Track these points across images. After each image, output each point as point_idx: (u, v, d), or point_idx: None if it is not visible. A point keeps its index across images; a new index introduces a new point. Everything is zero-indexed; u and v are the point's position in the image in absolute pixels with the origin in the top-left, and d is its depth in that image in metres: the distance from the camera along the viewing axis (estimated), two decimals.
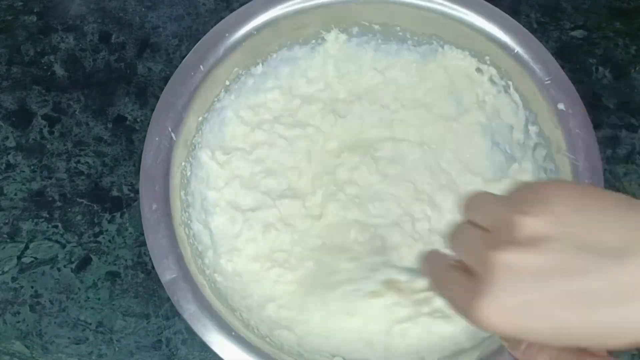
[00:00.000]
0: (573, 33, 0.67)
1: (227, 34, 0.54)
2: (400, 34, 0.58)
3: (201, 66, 0.53)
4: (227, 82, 0.57)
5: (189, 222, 0.52)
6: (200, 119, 0.55)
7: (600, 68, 0.65)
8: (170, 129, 0.52)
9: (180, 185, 0.52)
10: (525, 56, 0.54)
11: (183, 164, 0.53)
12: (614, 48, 0.67)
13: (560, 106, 0.52)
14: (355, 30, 0.58)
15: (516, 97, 0.56)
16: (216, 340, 0.46)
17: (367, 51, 0.60)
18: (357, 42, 0.59)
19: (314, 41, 0.59)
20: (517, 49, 0.54)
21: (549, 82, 0.53)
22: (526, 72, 0.54)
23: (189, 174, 0.54)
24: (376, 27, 0.58)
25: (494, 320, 0.30)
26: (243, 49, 0.55)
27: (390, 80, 0.60)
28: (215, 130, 0.57)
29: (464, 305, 0.32)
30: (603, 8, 0.69)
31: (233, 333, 0.46)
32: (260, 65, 0.58)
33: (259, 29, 0.55)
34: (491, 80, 0.57)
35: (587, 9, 0.68)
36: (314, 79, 0.60)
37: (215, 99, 0.56)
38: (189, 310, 0.47)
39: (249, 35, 0.55)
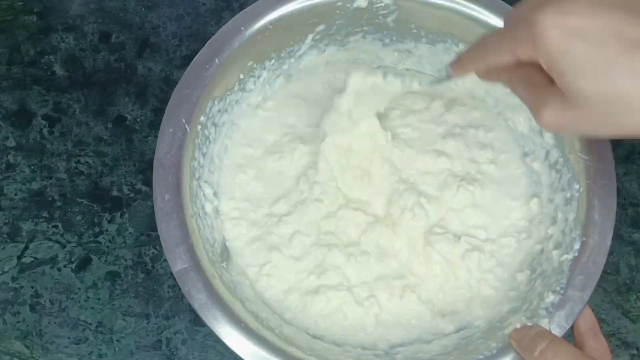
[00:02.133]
0: None
1: (242, 28, 0.55)
2: (415, 31, 0.59)
3: (216, 59, 0.54)
4: (242, 76, 0.57)
5: (200, 212, 0.52)
6: (214, 111, 0.55)
7: None
8: (184, 121, 0.52)
9: (192, 176, 0.52)
10: None
11: (197, 155, 0.53)
12: None
13: None
14: (370, 27, 0.59)
15: None
16: (226, 331, 0.46)
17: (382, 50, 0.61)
18: (371, 39, 0.60)
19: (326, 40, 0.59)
20: None
21: None
22: None
23: (202, 165, 0.54)
24: (391, 24, 0.58)
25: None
26: (258, 43, 0.56)
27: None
28: (228, 123, 0.57)
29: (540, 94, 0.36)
30: None
31: (243, 324, 0.46)
32: (274, 59, 0.58)
33: (274, 24, 0.55)
34: None
35: None
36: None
37: (229, 93, 0.56)
38: (200, 300, 0.47)
39: (264, 29, 0.55)
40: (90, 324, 0.56)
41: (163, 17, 0.68)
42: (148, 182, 0.61)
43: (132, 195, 0.61)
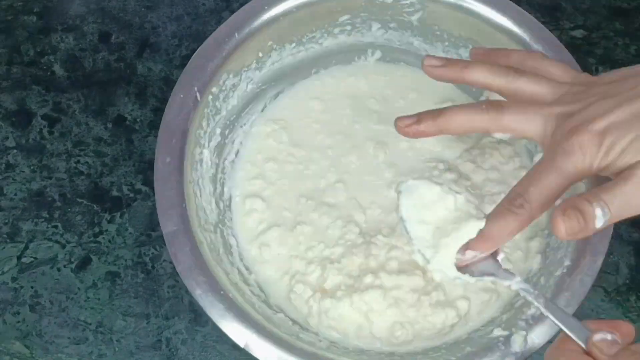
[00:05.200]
0: (573, 33, 0.67)
1: (266, 7, 0.55)
2: (438, 33, 0.59)
3: (236, 34, 0.54)
4: (260, 54, 0.57)
5: (199, 180, 0.53)
6: (228, 85, 0.55)
7: (600, 68, 0.65)
8: (196, 89, 0.52)
9: (196, 144, 0.53)
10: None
11: (204, 124, 0.54)
12: (613, 48, 0.67)
13: None
14: (394, 24, 0.59)
15: None
16: (204, 297, 0.46)
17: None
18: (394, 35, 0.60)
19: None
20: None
21: None
22: None
23: (207, 134, 0.55)
24: (415, 22, 0.58)
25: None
26: (280, 25, 0.56)
27: None
28: (237, 99, 0.57)
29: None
30: (603, 8, 0.69)
31: (222, 292, 0.46)
32: (295, 44, 0.58)
33: (299, 8, 0.55)
34: None
35: (587, 9, 0.68)
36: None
37: (245, 69, 0.56)
38: (184, 263, 0.47)
39: (288, 12, 0.55)
40: (90, 324, 0.56)
41: (163, 17, 0.68)
42: (148, 182, 0.61)
43: (132, 195, 0.61)
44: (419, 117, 0.46)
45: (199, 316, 0.57)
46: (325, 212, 0.55)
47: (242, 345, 0.45)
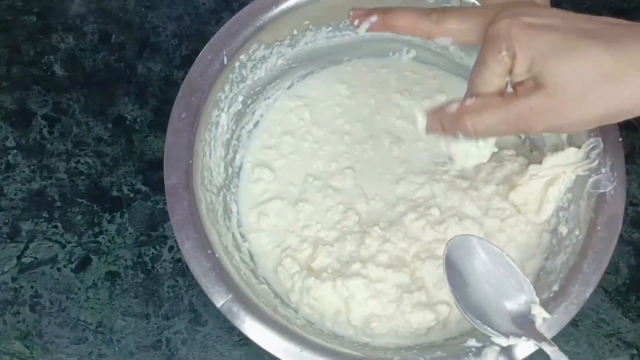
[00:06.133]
0: None
1: None
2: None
3: (274, 6, 0.54)
4: (295, 32, 0.57)
5: (211, 142, 0.53)
6: (257, 55, 0.56)
7: None
8: (224, 53, 0.53)
9: (215, 106, 0.53)
10: None
11: (226, 88, 0.54)
12: None
13: None
14: None
15: None
16: (190, 252, 0.47)
17: None
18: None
19: None
20: None
21: None
22: None
23: (228, 98, 0.55)
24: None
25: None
26: (320, 5, 0.56)
27: None
28: (265, 71, 0.58)
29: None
30: (603, 8, 0.69)
31: (209, 251, 0.47)
32: (332, 28, 0.58)
33: None
34: None
35: (587, 9, 0.68)
36: None
37: (278, 44, 0.57)
38: (179, 216, 0.47)
39: None
40: (90, 324, 0.56)
41: (163, 17, 0.68)
42: (148, 182, 0.61)
43: (132, 195, 0.61)
44: (371, 10, 0.46)
45: (199, 316, 0.57)
46: (330, 194, 0.56)
47: (218, 306, 0.45)
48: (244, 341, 0.56)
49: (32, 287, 0.58)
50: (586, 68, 0.36)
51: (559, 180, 0.52)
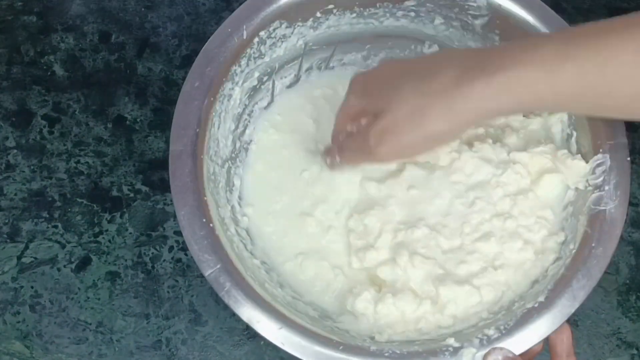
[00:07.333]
0: None
1: None
2: (497, 43, 0.57)
3: None
4: (318, 14, 0.57)
5: (221, 114, 0.53)
6: (278, 33, 0.56)
7: None
8: (244, 27, 0.53)
9: (230, 78, 0.53)
10: None
11: (242, 62, 0.54)
12: None
13: None
14: (457, 23, 0.58)
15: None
16: (185, 219, 0.47)
17: None
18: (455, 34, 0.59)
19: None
20: None
21: None
22: None
23: (244, 72, 0.55)
24: (478, 28, 0.57)
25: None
26: None
27: None
28: (284, 50, 0.57)
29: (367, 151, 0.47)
30: (603, 8, 0.69)
31: (204, 220, 0.47)
32: (356, 15, 0.58)
33: None
34: None
35: (587, 9, 0.68)
36: None
37: (300, 24, 0.56)
38: (180, 180, 0.48)
39: None
40: (90, 324, 0.56)
41: (163, 17, 0.68)
42: (148, 182, 0.61)
43: (132, 195, 0.61)
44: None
45: (199, 316, 0.57)
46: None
47: (205, 274, 0.45)
48: (244, 341, 0.56)
49: (32, 287, 0.58)
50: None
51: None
